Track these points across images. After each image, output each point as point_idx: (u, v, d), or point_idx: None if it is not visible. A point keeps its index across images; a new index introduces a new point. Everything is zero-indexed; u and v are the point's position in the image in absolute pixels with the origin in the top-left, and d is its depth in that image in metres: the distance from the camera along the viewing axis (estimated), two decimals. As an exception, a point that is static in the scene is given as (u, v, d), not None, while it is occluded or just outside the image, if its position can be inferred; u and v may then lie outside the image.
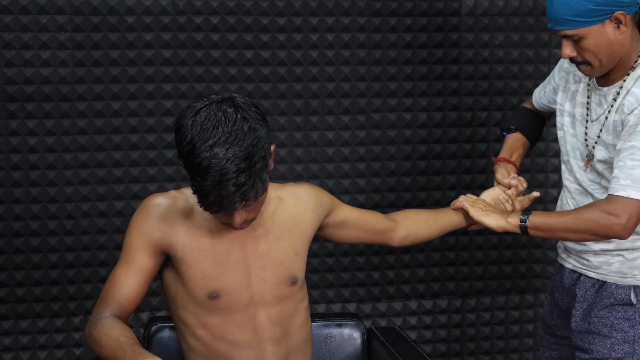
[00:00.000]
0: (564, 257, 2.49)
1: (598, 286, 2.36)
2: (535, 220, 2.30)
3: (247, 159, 1.81)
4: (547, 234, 2.33)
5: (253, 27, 3.16)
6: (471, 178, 3.44)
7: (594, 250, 2.34)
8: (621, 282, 2.31)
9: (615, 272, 2.32)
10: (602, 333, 2.33)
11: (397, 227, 2.41)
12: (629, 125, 2.16)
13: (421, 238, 2.48)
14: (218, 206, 1.85)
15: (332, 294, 3.41)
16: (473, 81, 3.38)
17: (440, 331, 3.54)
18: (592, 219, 2.20)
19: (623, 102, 2.20)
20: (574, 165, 2.39)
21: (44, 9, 3.00)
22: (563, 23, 2.17)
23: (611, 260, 2.32)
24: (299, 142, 3.27)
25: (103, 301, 1.99)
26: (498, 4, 3.35)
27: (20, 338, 3.18)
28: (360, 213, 2.37)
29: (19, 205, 3.09)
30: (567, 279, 2.46)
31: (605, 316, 2.32)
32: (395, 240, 2.42)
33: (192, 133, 1.82)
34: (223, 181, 1.79)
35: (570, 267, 2.46)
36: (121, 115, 3.11)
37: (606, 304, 2.32)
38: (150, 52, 3.10)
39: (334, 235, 2.31)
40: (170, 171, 3.18)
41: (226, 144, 1.80)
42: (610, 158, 2.24)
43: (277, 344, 2.09)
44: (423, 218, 2.48)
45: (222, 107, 1.85)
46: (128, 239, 2.02)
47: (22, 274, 3.13)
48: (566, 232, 2.27)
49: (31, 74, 3.03)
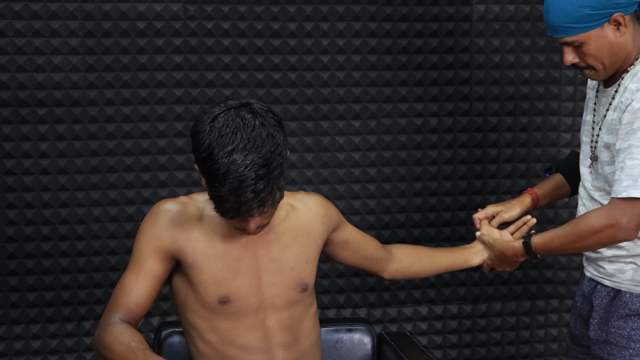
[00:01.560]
0: (585, 265, 2.46)
1: (612, 295, 2.33)
2: (536, 240, 2.31)
3: (265, 165, 1.81)
4: (554, 250, 2.33)
5: (264, 32, 3.16)
6: (482, 183, 3.43)
7: (608, 257, 2.32)
8: (635, 291, 2.29)
9: (629, 280, 2.29)
10: (620, 344, 2.30)
11: (392, 259, 2.41)
12: (624, 123, 2.13)
13: (414, 274, 2.47)
14: (235, 212, 1.85)
15: (343, 299, 3.41)
16: (484, 86, 3.37)
17: (451, 337, 3.53)
18: (593, 229, 2.17)
19: (621, 100, 2.17)
20: (585, 173, 2.37)
21: (55, 14, 3.01)
22: (561, 31, 2.16)
23: (624, 267, 2.30)
24: (310, 147, 3.27)
25: (112, 307, 1.98)
26: (509, 9, 3.34)
27: (32, 342, 3.19)
28: (363, 237, 2.36)
29: (30, 210, 3.10)
30: (586, 287, 2.44)
31: (622, 327, 2.30)
32: (387, 271, 2.42)
33: (210, 139, 1.82)
34: (241, 187, 1.79)
35: (589, 276, 2.43)
36: (132, 120, 3.12)
37: (622, 314, 2.30)
38: (161, 57, 3.10)
39: (332, 253, 2.30)
40: (181, 176, 3.18)
41: (245, 150, 1.79)
42: (612, 159, 2.21)
43: (287, 349, 2.09)
44: (418, 254, 2.47)
45: (240, 113, 1.85)
46: (138, 245, 2.02)
47: (34, 278, 3.14)
48: (571, 244, 2.25)
49: (43, 79, 3.04)
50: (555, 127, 3.43)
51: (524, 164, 3.44)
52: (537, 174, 3.41)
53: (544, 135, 3.43)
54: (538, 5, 3.34)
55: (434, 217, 3.42)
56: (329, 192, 3.29)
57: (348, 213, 3.32)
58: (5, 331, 3.17)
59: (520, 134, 3.42)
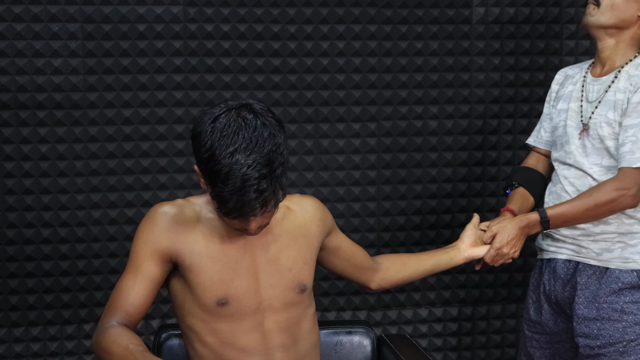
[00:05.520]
0: (554, 249, 2.54)
1: (599, 273, 2.43)
2: (549, 211, 2.41)
3: (268, 164, 1.81)
4: (568, 220, 2.41)
5: (264, 35, 3.17)
6: (482, 186, 3.43)
7: (594, 233, 2.42)
8: (624, 267, 2.39)
9: (618, 258, 2.40)
10: (612, 318, 2.39)
11: (378, 269, 2.42)
12: (634, 101, 2.32)
13: (401, 280, 2.47)
14: (238, 212, 1.86)
15: (343, 301, 3.41)
16: (484, 89, 3.37)
17: (451, 339, 3.53)
18: (609, 198, 2.32)
19: (630, 82, 2.35)
20: (574, 151, 2.47)
21: (55, 17, 3.01)
22: None
23: (612, 247, 2.41)
24: (310, 150, 3.27)
25: (110, 310, 1.99)
26: (509, 12, 3.35)
27: (32, 345, 3.19)
28: (353, 245, 2.37)
29: (30, 213, 3.10)
30: (561, 269, 2.52)
31: (614, 301, 2.39)
32: (374, 281, 2.42)
33: (212, 139, 1.82)
34: (244, 187, 1.80)
35: (564, 257, 2.51)
36: (132, 122, 3.12)
37: (614, 289, 2.39)
38: (161, 60, 3.11)
39: (323, 259, 2.30)
40: (182, 179, 3.18)
41: (247, 150, 1.80)
42: (613, 134, 2.37)
43: (286, 351, 2.09)
44: (402, 261, 2.47)
45: (242, 114, 1.85)
46: (135, 248, 2.03)
47: (34, 281, 3.14)
48: (585, 213, 2.37)
49: (43, 82, 3.04)
50: (555, 129, 3.43)
51: (524, 167, 3.44)
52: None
53: (544, 138, 3.43)
54: (538, 8, 3.35)
55: (434, 220, 3.42)
56: (329, 194, 3.29)
57: (348, 215, 3.32)
58: (5, 334, 3.17)
59: (520, 136, 3.42)
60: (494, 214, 3.44)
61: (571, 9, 3.36)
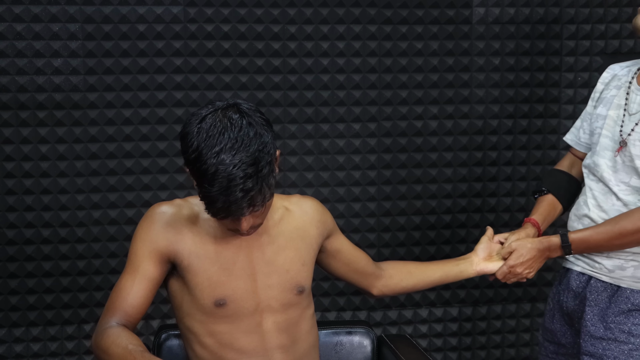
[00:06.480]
0: (572, 259, 2.45)
1: (611, 290, 2.33)
2: (573, 235, 2.29)
3: (253, 164, 1.81)
4: (591, 247, 2.31)
5: (264, 35, 3.17)
6: (482, 186, 3.43)
7: (607, 252, 2.31)
8: (636, 287, 2.29)
9: (630, 277, 2.29)
10: (618, 339, 2.29)
11: (381, 275, 2.38)
12: None
13: (404, 289, 2.42)
14: (226, 212, 1.86)
15: (343, 301, 3.41)
16: (484, 89, 3.37)
17: (451, 339, 3.53)
18: (635, 228, 2.18)
19: None
20: (602, 165, 2.34)
21: (55, 17, 3.01)
22: None
23: (625, 265, 2.29)
24: (310, 150, 3.27)
25: (109, 310, 1.98)
26: (509, 12, 3.35)
27: (32, 345, 3.19)
28: (355, 249, 2.34)
29: (30, 213, 3.10)
30: (574, 281, 2.43)
31: (623, 322, 2.29)
32: (376, 287, 2.38)
33: (198, 140, 1.82)
34: (230, 187, 1.80)
35: (578, 270, 2.42)
36: (132, 123, 3.12)
37: (623, 309, 2.29)
38: (161, 60, 3.11)
39: (323, 262, 2.29)
40: (181, 179, 3.18)
41: (232, 150, 1.80)
42: None
43: (285, 352, 2.08)
44: (408, 269, 2.43)
45: (228, 114, 1.85)
46: (133, 248, 2.02)
47: (34, 281, 3.14)
48: (609, 241, 2.25)
49: (43, 82, 3.04)
50: (555, 129, 3.43)
51: (524, 167, 3.44)
52: (537, 176, 3.41)
53: (544, 138, 3.44)
54: (538, 8, 3.35)
55: (434, 220, 3.42)
56: (329, 194, 3.29)
57: (348, 216, 3.32)
58: (6, 334, 3.17)
59: (520, 136, 3.42)
60: (494, 214, 3.44)
61: (571, 9, 3.36)
